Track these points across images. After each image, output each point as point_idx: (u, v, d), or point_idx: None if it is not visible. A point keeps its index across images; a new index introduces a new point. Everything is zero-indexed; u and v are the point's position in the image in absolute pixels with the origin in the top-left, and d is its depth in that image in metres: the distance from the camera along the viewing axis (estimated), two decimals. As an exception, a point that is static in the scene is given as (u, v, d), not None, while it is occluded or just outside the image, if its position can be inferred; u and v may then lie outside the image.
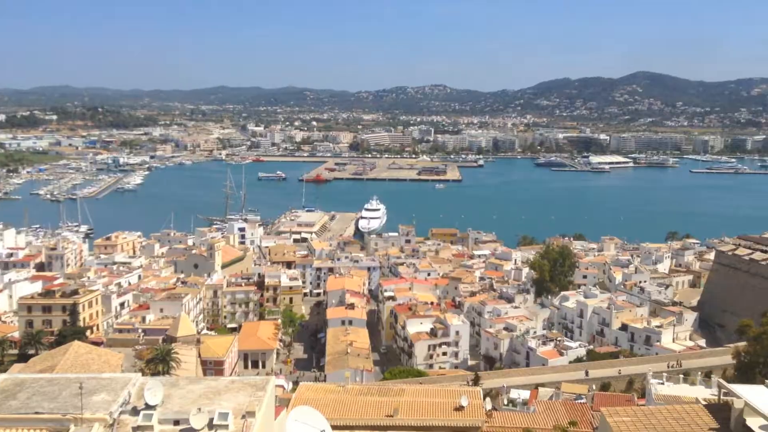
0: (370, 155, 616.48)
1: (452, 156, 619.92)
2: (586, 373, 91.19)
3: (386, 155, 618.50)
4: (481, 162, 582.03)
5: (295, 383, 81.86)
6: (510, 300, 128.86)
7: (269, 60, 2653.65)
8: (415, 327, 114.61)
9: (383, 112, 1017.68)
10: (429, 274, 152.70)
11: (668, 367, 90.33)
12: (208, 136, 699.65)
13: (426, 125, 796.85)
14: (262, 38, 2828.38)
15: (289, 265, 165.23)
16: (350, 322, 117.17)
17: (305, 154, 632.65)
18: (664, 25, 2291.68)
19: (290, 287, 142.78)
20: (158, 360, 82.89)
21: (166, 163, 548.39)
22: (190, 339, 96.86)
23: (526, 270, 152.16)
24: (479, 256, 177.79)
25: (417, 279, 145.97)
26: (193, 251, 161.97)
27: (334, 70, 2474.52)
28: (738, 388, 24.05)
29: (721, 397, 25.41)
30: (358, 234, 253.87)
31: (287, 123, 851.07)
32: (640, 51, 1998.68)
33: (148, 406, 21.02)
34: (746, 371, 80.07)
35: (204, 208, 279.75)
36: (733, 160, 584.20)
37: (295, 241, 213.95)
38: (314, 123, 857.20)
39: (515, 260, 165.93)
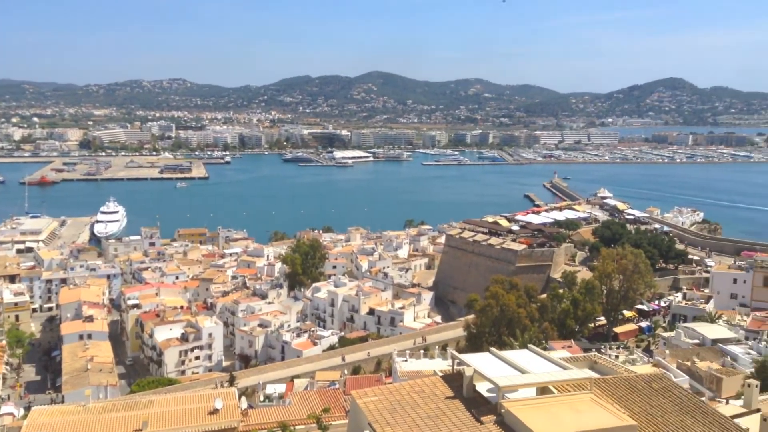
0: (104, 153, 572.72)
1: (197, 153, 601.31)
2: (343, 359, 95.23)
3: (123, 153, 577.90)
4: (228, 158, 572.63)
5: (27, 409, 73.26)
6: (264, 296, 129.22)
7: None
8: (164, 334, 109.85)
9: (117, 106, 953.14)
10: (177, 278, 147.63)
11: (414, 344, 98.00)
12: None
13: (166, 121, 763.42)
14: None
15: (12, 278, 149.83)
16: (89, 336, 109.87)
17: (27, 154, 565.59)
18: (389, 27, 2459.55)
19: (15, 303, 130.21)
20: None
21: None
22: None
23: (278, 265, 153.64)
24: (230, 254, 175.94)
25: (164, 283, 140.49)
26: None
27: (56, 61, 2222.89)
28: (467, 357, 26.81)
29: (455, 367, 28.05)
30: (95, 240, 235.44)
31: (3, 120, 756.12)
32: (372, 51, 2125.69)
33: None
34: (475, 341, 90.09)
35: None
36: (457, 152, 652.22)
37: (19, 251, 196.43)
38: (36, 119, 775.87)
39: (267, 256, 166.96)
